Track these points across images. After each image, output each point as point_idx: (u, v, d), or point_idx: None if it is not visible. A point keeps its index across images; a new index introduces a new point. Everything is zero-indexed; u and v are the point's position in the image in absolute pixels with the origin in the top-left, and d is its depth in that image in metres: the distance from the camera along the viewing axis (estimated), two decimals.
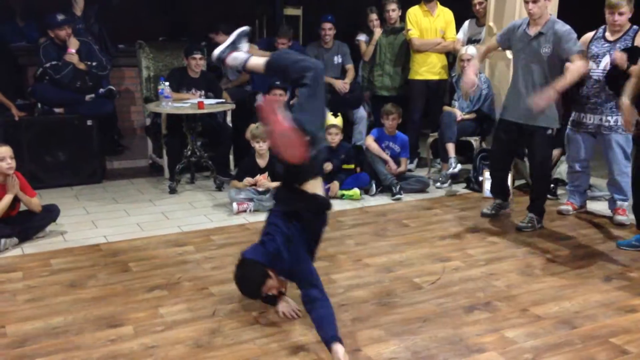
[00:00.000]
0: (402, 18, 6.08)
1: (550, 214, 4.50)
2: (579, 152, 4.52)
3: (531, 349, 2.67)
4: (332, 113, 5.33)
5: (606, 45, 4.26)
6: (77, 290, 3.25)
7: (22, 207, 4.07)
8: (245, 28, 3.04)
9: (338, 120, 5.38)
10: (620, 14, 4.14)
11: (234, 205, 4.60)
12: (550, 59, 4.01)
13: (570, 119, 4.53)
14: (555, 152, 4.91)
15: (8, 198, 3.87)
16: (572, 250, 3.91)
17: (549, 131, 4.14)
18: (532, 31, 4.06)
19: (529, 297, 3.19)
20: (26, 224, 3.98)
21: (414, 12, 5.90)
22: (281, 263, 2.71)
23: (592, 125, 4.36)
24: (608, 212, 4.57)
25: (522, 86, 4.15)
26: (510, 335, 2.79)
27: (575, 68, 3.88)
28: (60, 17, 5.25)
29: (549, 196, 4.54)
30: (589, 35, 4.39)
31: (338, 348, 2.48)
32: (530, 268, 3.61)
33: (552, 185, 4.93)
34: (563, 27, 3.97)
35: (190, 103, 5.21)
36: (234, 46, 2.98)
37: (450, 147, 5.28)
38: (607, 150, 4.36)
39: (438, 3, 5.92)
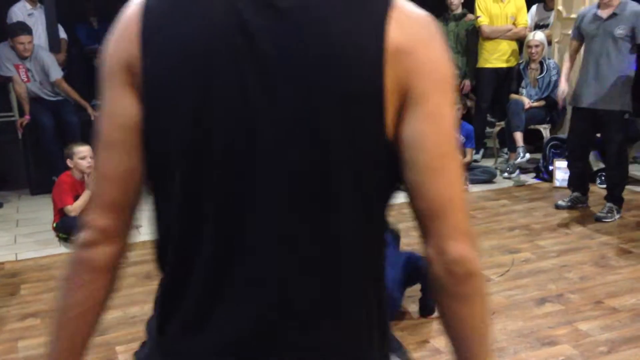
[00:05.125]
0: (464, 5, 5.94)
1: (626, 203, 4.31)
2: None
3: (606, 341, 2.59)
4: None
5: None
6: (152, 281, 3.36)
7: None
8: None
9: None
10: None
11: None
12: (623, 41, 3.85)
13: None
14: None
15: (87, 195, 4.08)
16: None
17: (626, 115, 3.98)
18: (605, 13, 3.89)
19: (604, 289, 3.09)
20: None
21: None
22: None
23: None
24: None
25: (594, 71, 3.98)
26: (583, 328, 2.71)
27: None
28: None
29: None
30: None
31: None
32: (604, 259, 3.48)
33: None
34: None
35: None
36: None
37: (518, 136, 5.15)
38: None
39: None
